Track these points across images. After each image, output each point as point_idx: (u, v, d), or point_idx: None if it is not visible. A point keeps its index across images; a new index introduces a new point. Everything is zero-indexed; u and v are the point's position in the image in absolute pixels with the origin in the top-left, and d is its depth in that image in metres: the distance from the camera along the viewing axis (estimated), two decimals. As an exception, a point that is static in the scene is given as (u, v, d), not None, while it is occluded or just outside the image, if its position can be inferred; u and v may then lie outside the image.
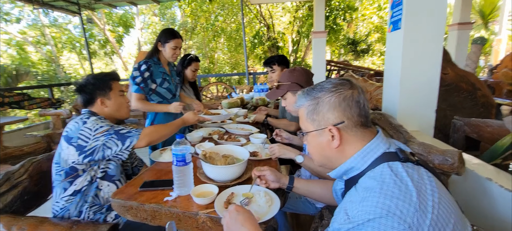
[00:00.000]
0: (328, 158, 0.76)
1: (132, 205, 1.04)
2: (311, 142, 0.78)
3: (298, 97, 0.80)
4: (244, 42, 6.67)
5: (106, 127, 1.24)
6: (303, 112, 0.78)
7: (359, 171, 0.69)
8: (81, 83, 1.35)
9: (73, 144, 1.19)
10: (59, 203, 1.25)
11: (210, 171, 1.12)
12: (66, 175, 1.23)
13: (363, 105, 0.70)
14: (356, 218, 0.57)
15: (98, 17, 12.22)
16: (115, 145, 1.22)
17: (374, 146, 0.69)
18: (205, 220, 0.94)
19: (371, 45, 12.80)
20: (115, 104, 1.38)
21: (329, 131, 0.71)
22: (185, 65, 2.47)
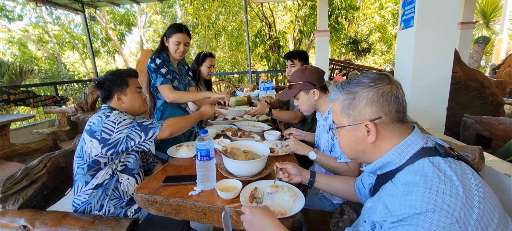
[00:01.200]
0: (361, 153, 0.76)
1: (157, 199, 1.05)
2: (345, 136, 0.78)
3: (332, 91, 0.80)
4: (247, 40, 6.67)
5: (129, 120, 1.26)
6: (338, 107, 0.77)
7: (397, 166, 0.69)
8: (100, 79, 1.37)
9: (96, 137, 1.21)
10: (80, 197, 1.26)
11: (232, 166, 1.13)
12: (88, 168, 1.25)
13: (401, 101, 0.69)
14: (399, 212, 0.57)
15: (99, 16, 12.21)
16: (138, 136, 1.25)
17: (412, 141, 0.68)
18: (231, 214, 0.95)
19: (372, 45, 12.82)
20: (131, 101, 1.40)
21: (365, 126, 0.71)
22: (200, 62, 2.48)
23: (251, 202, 0.97)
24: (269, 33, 11.50)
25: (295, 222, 0.89)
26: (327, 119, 1.40)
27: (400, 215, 0.57)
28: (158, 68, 1.79)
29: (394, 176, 0.69)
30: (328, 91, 1.47)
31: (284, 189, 1.02)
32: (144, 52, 5.92)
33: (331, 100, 0.81)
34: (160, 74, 1.79)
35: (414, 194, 0.57)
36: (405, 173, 0.65)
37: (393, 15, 11.60)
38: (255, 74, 7.38)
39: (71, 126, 4.88)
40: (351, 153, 0.80)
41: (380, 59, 13.20)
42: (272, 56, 11.11)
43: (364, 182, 0.99)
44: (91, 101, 4.94)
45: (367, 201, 0.83)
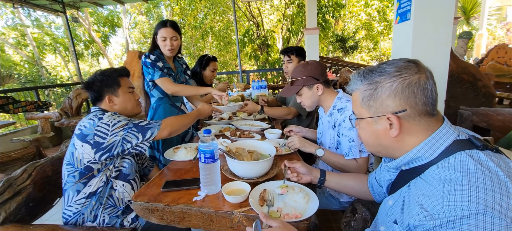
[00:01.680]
0: (384, 147, 0.71)
1: (158, 207, 0.97)
2: (365, 129, 0.72)
3: (353, 79, 0.73)
4: (237, 40, 6.60)
5: (124, 121, 1.18)
6: (358, 97, 0.71)
7: (427, 160, 0.63)
8: (89, 79, 1.27)
9: (89, 141, 1.11)
10: (71, 207, 1.16)
11: (238, 168, 1.07)
12: (80, 176, 1.15)
13: (430, 92, 0.62)
14: (442, 215, 0.52)
15: (82, 17, 11.78)
16: (135, 138, 1.17)
17: (443, 134, 0.63)
18: (241, 219, 0.89)
19: (359, 42, 13.01)
20: (124, 102, 1.31)
21: (387, 119, 0.65)
22: (203, 66, 2.42)
23: (261, 205, 0.91)
24: (257, 33, 11.45)
25: (311, 225, 0.84)
26: (332, 114, 1.35)
27: (444, 218, 0.51)
28: (155, 62, 1.73)
29: (423, 171, 0.63)
30: (331, 86, 1.43)
31: (295, 189, 0.96)
32: (131, 53, 5.74)
33: (351, 90, 0.74)
34: (157, 68, 1.73)
35: (458, 193, 0.51)
36: (439, 168, 0.59)
37: (378, 13, 11.80)
38: (245, 74, 7.30)
39: (55, 132, 4.66)
40: (373, 147, 0.74)
41: (367, 56, 13.41)
42: (261, 55, 11.07)
43: (380, 178, 0.94)
44: (76, 106, 4.74)
45: (387, 198, 0.77)
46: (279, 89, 6.53)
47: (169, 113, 1.88)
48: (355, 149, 1.21)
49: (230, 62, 14.03)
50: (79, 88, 4.83)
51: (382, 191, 0.95)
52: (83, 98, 4.81)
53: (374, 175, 1.00)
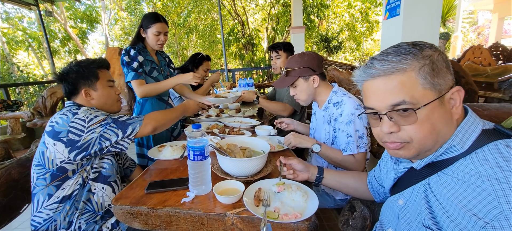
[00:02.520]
0: (438, 138, 0.56)
1: (141, 211, 0.87)
2: (428, 119, 0.54)
3: (388, 57, 0.56)
4: (222, 39, 6.48)
5: (102, 116, 1.06)
6: (415, 77, 0.54)
7: (458, 153, 0.55)
8: (63, 70, 1.14)
9: (62, 139, 0.99)
10: (42, 213, 1.03)
11: (230, 165, 0.99)
12: (52, 178, 1.02)
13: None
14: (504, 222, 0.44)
15: (57, 12, 11.15)
16: (114, 135, 1.05)
17: (472, 122, 0.56)
18: (235, 221, 0.81)
19: (342, 42, 13.23)
20: (103, 97, 1.18)
21: (456, 92, 0.55)
22: (196, 65, 2.32)
23: (257, 206, 0.84)
24: (242, 31, 11.36)
25: (311, 225, 0.77)
26: (327, 109, 1.30)
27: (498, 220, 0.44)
28: (131, 61, 1.64)
29: (446, 166, 0.56)
30: (326, 79, 1.38)
31: (292, 188, 0.89)
32: (111, 50, 5.48)
33: (394, 69, 0.55)
34: (131, 68, 1.64)
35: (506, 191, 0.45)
36: (473, 162, 0.52)
37: (361, 14, 12.06)
38: (231, 73, 7.19)
39: (27, 133, 4.35)
40: (431, 144, 0.57)
41: (351, 56, 13.68)
42: (246, 54, 10.99)
43: (381, 177, 0.89)
44: (51, 105, 4.45)
45: (395, 197, 0.71)
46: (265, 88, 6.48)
47: (157, 108, 1.80)
48: (353, 144, 1.17)
49: (215, 61, 13.83)
50: (54, 87, 4.54)
51: (383, 191, 0.91)
52: (58, 97, 4.53)
53: (373, 174, 0.95)
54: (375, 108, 0.60)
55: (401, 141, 0.58)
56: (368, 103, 0.62)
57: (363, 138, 1.20)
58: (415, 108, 0.54)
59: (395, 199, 0.71)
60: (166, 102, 1.87)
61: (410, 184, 0.66)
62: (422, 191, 0.61)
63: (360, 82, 0.64)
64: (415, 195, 0.63)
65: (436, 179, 0.58)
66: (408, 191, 0.66)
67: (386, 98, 0.57)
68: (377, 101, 0.59)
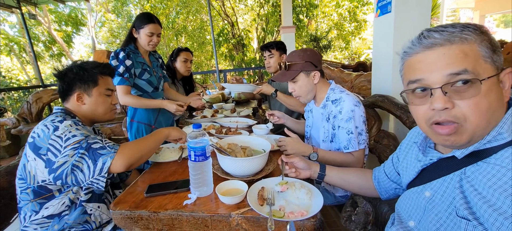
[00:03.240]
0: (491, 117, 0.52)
1: (142, 215, 0.84)
2: (487, 95, 0.51)
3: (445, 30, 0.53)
4: (213, 39, 6.44)
5: (79, 137, 0.94)
6: (476, 49, 0.51)
7: (504, 141, 0.51)
8: (64, 69, 1.09)
9: (42, 156, 0.92)
10: (28, 228, 0.98)
11: (231, 165, 0.97)
12: (34, 195, 0.97)
13: None
14: None
15: (41, 15, 10.80)
16: (86, 166, 0.91)
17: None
18: (240, 221, 0.79)
19: (331, 41, 13.38)
20: (95, 104, 1.11)
21: (508, 74, 0.52)
22: (174, 58, 2.28)
23: (261, 205, 0.82)
24: (232, 32, 11.32)
25: (317, 222, 0.77)
26: (325, 106, 1.30)
27: None
28: (118, 65, 1.60)
29: (487, 155, 0.53)
30: (326, 76, 1.38)
31: (296, 186, 0.89)
32: (98, 53, 5.36)
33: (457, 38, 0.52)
34: (117, 73, 1.60)
35: None
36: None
37: (349, 13, 12.24)
38: (222, 74, 7.16)
39: (12, 141, 4.19)
40: (485, 125, 0.53)
41: (340, 54, 13.85)
42: (237, 55, 10.95)
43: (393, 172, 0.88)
44: (36, 111, 4.31)
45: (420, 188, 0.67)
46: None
47: (151, 111, 1.77)
48: (354, 141, 1.17)
49: (205, 62, 13.73)
50: (40, 92, 4.39)
51: (393, 187, 0.90)
52: (44, 102, 4.39)
53: (383, 169, 0.93)
54: (426, 81, 0.55)
55: (454, 119, 0.53)
56: (416, 77, 0.56)
57: (363, 134, 1.20)
58: (479, 78, 0.50)
59: (420, 191, 0.68)
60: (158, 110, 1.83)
61: (440, 175, 0.62)
62: (456, 181, 0.58)
63: (409, 55, 0.58)
64: (446, 186, 0.60)
65: (474, 169, 0.55)
66: (436, 182, 0.63)
67: (444, 68, 0.52)
68: (430, 73, 0.54)
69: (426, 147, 0.70)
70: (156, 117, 1.82)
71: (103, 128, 3.55)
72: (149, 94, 1.77)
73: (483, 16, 11.36)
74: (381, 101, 1.63)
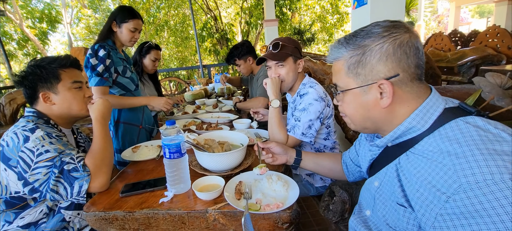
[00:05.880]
0: (373, 121, 0.64)
1: (117, 215, 0.82)
2: (351, 103, 0.64)
3: (333, 48, 0.64)
4: (195, 34, 6.35)
5: (51, 153, 0.90)
6: (342, 66, 0.63)
7: (418, 132, 0.58)
8: (21, 73, 1.02)
9: (12, 168, 0.88)
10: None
11: (208, 161, 0.96)
12: (7, 206, 0.93)
13: (422, 54, 0.57)
14: (463, 194, 0.46)
15: (10, 11, 10.20)
16: (62, 188, 0.90)
17: (433, 103, 0.58)
18: (217, 216, 0.79)
19: (315, 34, 13.49)
20: (66, 101, 1.05)
21: (379, 86, 0.58)
22: (143, 54, 2.17)
23: (238, 199, 0.83)
24: (215, 26, 11.17)
25: (293, 213, 0.78)
26: (295, 100, 1.31)
27: (467, 198, 0.46)
28: (97, 63, 1.46)
29: (413, 145, 0.59)
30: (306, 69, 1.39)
31: (273, 178, 0.90)
32: (75, 50, 5.13)
33: (332, 59, 0.65)
34: (96, 73, 1.47)
35: (475, 166, 0.46)
36: (436, 140, 0.55)
37: (331, 5, 12.35)
38: (206, 69, 7.07)
39: (-16, 145, 3.97)
40: (360, 122, 0.66)
41: (324, 47, 14.00)
42: (221, 50, 10.84)
43: (356, 159, 0.92)
44: (10, 113, 4.09)
45: (372, 179, 0.73)
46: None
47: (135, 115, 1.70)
48: (298, 129, 1.18)
49: (189, 58, 13.50)
50: (13, 93, 4.17)
51: (358, 171, 0.94)
52: (18, 103, 4.18)
53: (348, 155, 0.98)
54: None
55: (343, 113, 0.71)
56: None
57: (312, 128, 1.20)
58: (339, 90, 0.67)
59: (371, 181, 0.73)
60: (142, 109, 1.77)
61: (383, 165, 0.68)
62: (394, 170, 0.63)
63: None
64: (389, 175, 0.65)
65: (405, 158, 0.61)
66: (382, 172, 0.68)
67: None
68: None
69: (373, 137, 0.77)
70: (142, 115, 1.75)
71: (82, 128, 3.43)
72: (132, 92, 1.68)
73: (459, 7, 11.78)
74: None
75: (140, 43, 2.25)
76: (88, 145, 1.23)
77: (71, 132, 1.17)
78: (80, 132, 1.24)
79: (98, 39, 1.56)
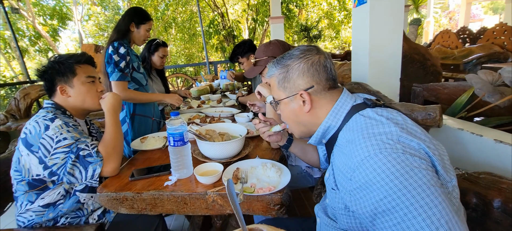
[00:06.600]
0: (304, 124, 0.78)
1: (127, 196, 0.92)
2: (284, 110, 0.80)
3: (269, 67, 0.80)
4: (202, 31, 6.43)
5: (69, 141, 1.01)
6: (274, 82, 0.79)
7: (336, 128, 0.72)
8: (42, 68, 1.13)
9: (35, 153, 0.99)
10: (24, 215, 1.05)
11: (209, 149, 1.05)
12: (29, 187, 1.03)
13: (330, 69, 0.73)
14: (351, 172, 0.59)
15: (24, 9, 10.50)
16: (78, 172, 1.01)
17: (343, 102, 0.72)
18: (215, 198, 0.88)
19: (322, 31, 13.44)
20: (80, 94, 1.15)
21: (300, 96, 0.73)
22: (152, 51, 2.27)
23: (235, 183, 0.91)
24: (222, 23, 11.25)
25: (284, 196, 0.87)
26: None
27: (353, 173, 0.58)
28: (120, 60, 1.58)
29: (335, 140, 0.72)
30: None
31: (267, 165, 0.98)
32: (86, 47, 5.29)
33: (268, 76, 0.81)
34: (118, 68, 1.59)
35: (358, 148, 0.58)
36: (344, 132, 0.69)
37: (338, 2, 12.27)
38: (212, 66, 7.17)
39: (1, 137, 4.17)
40: (296, 127, 0.81)
41: (330, 44, 13.93)
42: (227, 47, 10.92)
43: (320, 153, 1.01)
44: (25, 107, 4.27)
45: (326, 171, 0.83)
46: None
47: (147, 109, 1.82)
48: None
49: (196, 55, 13.63)
50: (27, 88, 4.35)
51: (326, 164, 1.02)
52: (32, 98, 4.35)
53: None
54: None
55: (283, 121, 0.85)
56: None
57: None
58: (275, 101, 0.81)
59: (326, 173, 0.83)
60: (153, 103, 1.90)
61: (330, 160, 0.79)
62: (330, 162, 0.77)
63: None
64: (330, 167, 0.77)
65: (334, 151, 0.73)
66: (330, 165, 0.79)
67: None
68: None
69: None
70: (153, 109, 1.89)
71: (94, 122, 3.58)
72: (144, 87, 1.81)
73: (470, 4, 11.52)
74: (356, 88, 1.73)
75: (148, 41, 2.35)
76: (99, 135, 1.33)
77: (85, 122, 1.27)
78: (92, 123, 1.35)
79: (117, 37, 1.65)
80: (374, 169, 0.54)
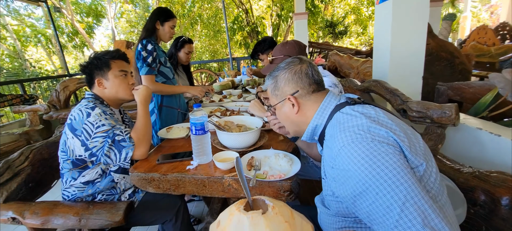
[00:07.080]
0: (296, 124, 0.88)
1: (154, 177, 1.04)
2: (279, 113, 0.92)
3: (265, 80, 0.94)
4: (226, 27, 6.58)
5: (107, 127, 1.16)
6: (269, 91, 0.92)
7: (323, 125, 0.82)
8: (84, 63, 1.30)
9: (78, 136, 1.14)
10: (69, 190, 1.22)
11: (227, 139, 1.15)
12: (73, 165, 1.20)
13: (311, 75, 0.84)
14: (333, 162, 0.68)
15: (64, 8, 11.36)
16: (113, 154, 1.16)
17: (327, 102, 0.82)
18: (231, 182, 0.98)
19: (348, 27, 13.08)
20: (114, 86, 1.29)
21: (288, 100, 0.85)
22: (178, 48, 2.42)
23: (249, 170, 1.00)
24: (246, 19, 11.36)
25: (294, 184, 0.93)
26: None
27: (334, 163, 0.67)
28: (147, 55, 1.74)
29: (324, 136, 0.80)
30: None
31: (280, 155, 1.05)
32: (118, 43, 5.65)
33: (264, 88, 0.93)
34: (146, 63, 1.75)
35: (336, 141, 0.68)
36: (329, 128, 0.79)
37: (366, -3, 11.85)
38: (235, 62, 7.31)
39: (44, 125, 4.62)
40: (290, 127, 0.92)
41: (357, 40, 13.53)
42: (251, 43, 11.02)
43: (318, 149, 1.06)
44: (64, 99, 4.67)
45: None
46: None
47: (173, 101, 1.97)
48: None
49: (221, 50, 13.90)
50: (66, 81, 4.76)
51: None
52: (70, 90, 4.75)
53: None
54: None
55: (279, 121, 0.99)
56: None
57: None
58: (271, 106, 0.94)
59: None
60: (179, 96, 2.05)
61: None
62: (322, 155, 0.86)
63: None
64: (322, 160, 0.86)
65: (324, 147, 0.80)
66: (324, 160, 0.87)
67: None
68: None
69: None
70: (179, 100, 2.05)
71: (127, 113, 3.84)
72: (171, 80, 1.96)
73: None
74: (374, 86, 1.74)
75: (175, 38, 2.50)
76: (130, 124, 1.49)
77: (119, 111, 1.43)
78: (125, 113, 1.50)
79: (145, 35, 1.81)
80: (348, 157, 0.63)
